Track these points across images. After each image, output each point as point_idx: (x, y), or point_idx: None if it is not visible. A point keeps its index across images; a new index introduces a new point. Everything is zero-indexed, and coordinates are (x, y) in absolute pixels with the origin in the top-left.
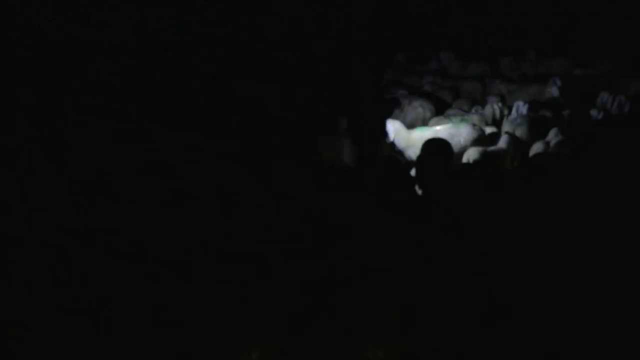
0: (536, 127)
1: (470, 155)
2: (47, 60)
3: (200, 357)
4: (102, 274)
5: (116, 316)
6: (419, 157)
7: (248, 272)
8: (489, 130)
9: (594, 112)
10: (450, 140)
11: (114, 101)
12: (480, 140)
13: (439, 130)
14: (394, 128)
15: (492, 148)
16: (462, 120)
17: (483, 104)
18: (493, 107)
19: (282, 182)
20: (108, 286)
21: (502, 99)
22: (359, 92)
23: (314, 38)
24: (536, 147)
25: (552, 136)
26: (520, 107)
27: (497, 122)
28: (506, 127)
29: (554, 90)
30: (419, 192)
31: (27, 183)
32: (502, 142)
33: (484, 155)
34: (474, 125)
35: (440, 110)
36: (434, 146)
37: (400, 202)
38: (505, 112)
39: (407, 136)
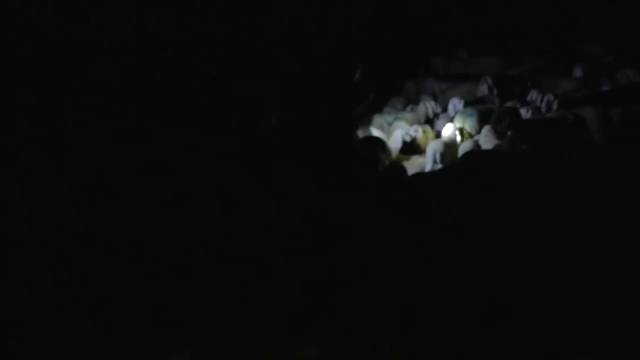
0: (484, 119)
1: (436, 147)
2: (47, 60)
3: (200, 356)
4: (102, 274)
5: (116, 316)
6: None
7: (248, 272)
8: (420, 128)
9: (523, 111)
10: None
11: (114, 101)
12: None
13: None
14: None
15: (447, 140)
16: (396, 118)
17: (417, 102)
18: (426, 105)
19: (282, 182)
20: (108, 286)
21: (435, 98)
22: (359, 93)
23: (314, 38)
24: (464, 146)
25: (483, 134)
26: (457, 104)
27: (429, 120)
28: (457, 120)
29: (484, 89)
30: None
31: (27, 183)
32: (452, 134)
33: (446, 147)
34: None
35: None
36: (369, 144)
37: (400, 202)
38: (439, 110)
39: None
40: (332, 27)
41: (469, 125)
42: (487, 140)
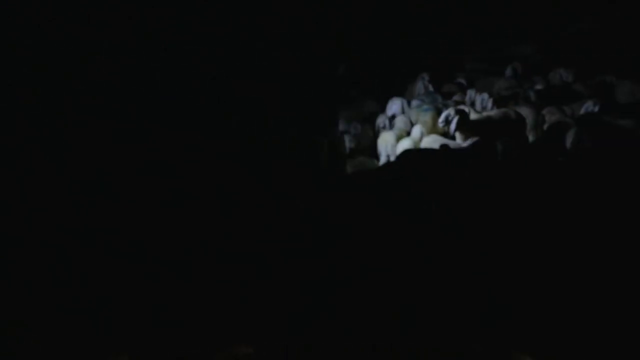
0: (439, 116)
1: (388, 139)
2: (47, 60)
3: (200, 356)
4: (102, 274)
5: (116, 316)
6: None
7: (248, 272)
8: (359, 125)
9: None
10: None
11: (114, 101)
12: None
13: None
14: None
15: (398, 133)
16: None
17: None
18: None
19: (282, 182)
20: (108, 286)
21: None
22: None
23: (314, 38)
24: (402, 144)
25: (417, 133)
26: (394, 108)
27: (367, 119)
28: (412, 115)
29: (421, 88)
30: None
31: (27, 183)
32: (399, 127)
33: (396, 140)
34: None
35: None
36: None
37: (400, 202)
38: (378, 108)
39: None
40: (332, 27)
41: (423, 121)
42: (427, 139)
